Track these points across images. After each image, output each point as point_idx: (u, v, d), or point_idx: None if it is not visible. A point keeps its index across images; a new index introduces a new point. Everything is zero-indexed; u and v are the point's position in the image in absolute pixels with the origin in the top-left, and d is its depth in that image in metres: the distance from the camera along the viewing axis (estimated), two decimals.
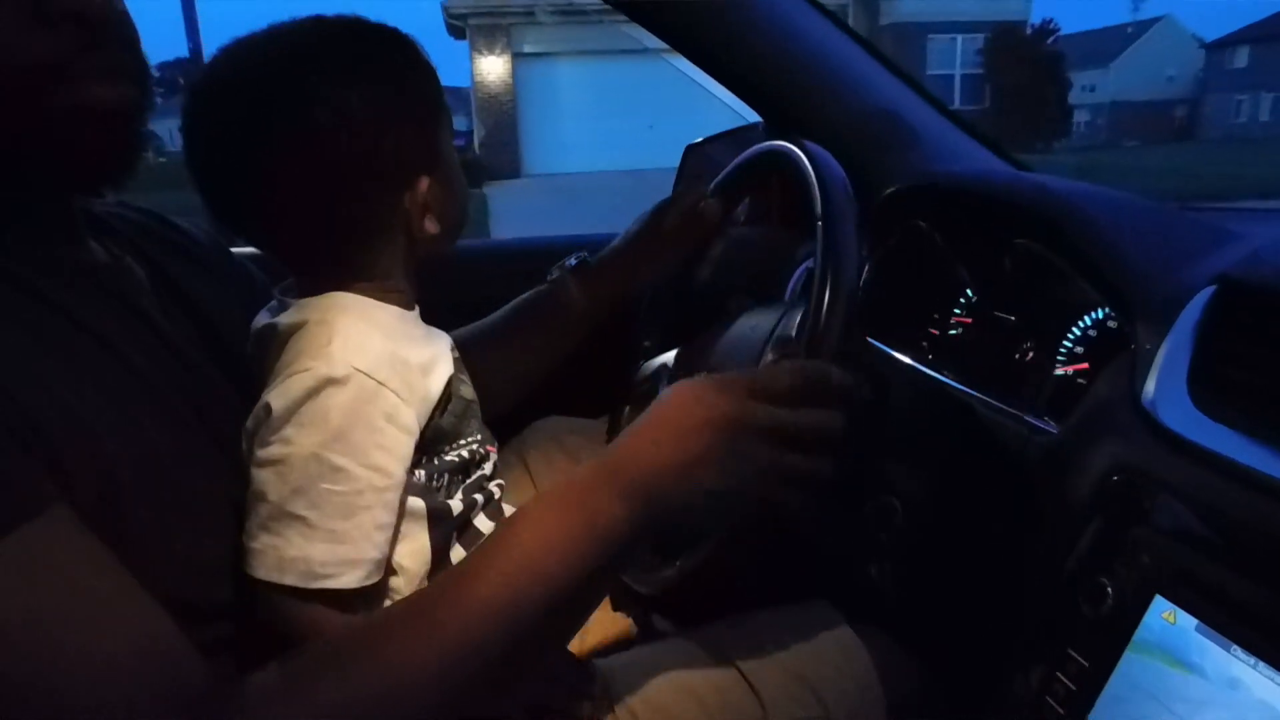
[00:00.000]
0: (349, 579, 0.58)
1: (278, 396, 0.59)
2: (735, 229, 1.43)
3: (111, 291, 0.60)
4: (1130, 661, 0.49)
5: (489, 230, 9.80)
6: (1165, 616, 0.47)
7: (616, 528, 0.53)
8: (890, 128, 1.09)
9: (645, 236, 0.95)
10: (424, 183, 0.63)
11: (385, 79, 0.62)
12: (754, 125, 1.33)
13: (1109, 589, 0.50)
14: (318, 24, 0.63)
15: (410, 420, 0.62)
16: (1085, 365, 0.79)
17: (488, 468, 0.72)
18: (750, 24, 1.08)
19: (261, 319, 0.67)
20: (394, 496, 0.61)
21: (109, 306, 0.58)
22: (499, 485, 0.73)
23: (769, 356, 0.73)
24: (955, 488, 0.75)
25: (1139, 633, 0.48)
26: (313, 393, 0.58)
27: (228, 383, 0.64)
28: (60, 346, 0.53)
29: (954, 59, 18.47)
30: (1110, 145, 16.25)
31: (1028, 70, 16.58)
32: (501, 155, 16.69)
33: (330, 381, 0.58)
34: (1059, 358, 0.81)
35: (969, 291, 0.95)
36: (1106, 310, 0.77)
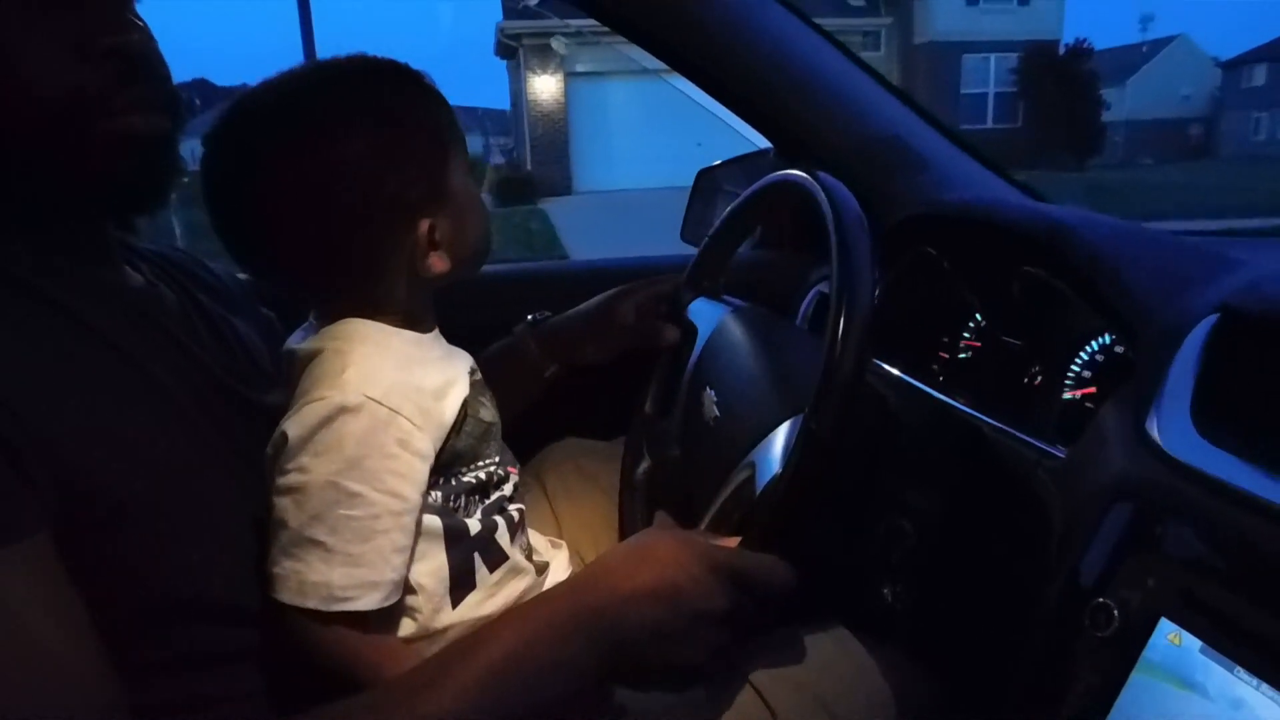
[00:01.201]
0: (368, 601, 0.60)
1: (294, 425, 0.61)
2: (748, 252, 1.45)
3: (143, 313, 0.62)
4: (1137, 682, 0.50)
5: (561, 242, 10.01)
6: (1170, 638, 0.49)
7: (579, 667, 0.56)
8: (897, 154, 1.12)
9: (597, 317, 0.98)
10: (425, 225, 0.65)
11: (384, 123, 0.63)
12: (765, 151, 1.36)
13: (1115, 611, 0.51)
14: (320, 71, 0.65)
15: (424, 445, 0.63)
16: (1093, 390, 0.80)
17: (508, 489, 0.73)
18: (755, 49, 1.10)
19: (292, 341, 0.70)
20: (410, 520, 0.63)
21: (139, 327, 0.60)
22: (519, 509, 0.75)
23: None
24: (965, 510, 0.76)
25: (1145, 653, 0.49)
26: (327, 421, 0.60)
27: (253, 404, 0.66)
28: (85, 362, 0.55)
29: (988, 78, 18.53)
30: (1125, 164, 16.20)
31: (1061, 89, 16.63)
32: (553, 172, 17.10)
33: (344, 410, 0.60)
34: (1067, 382, 0.82)
35: (978, 316, 0.96)
36: (1113, 335, 0.78)
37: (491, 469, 0.71)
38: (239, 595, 0.59)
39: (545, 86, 17.29)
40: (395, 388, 0.63)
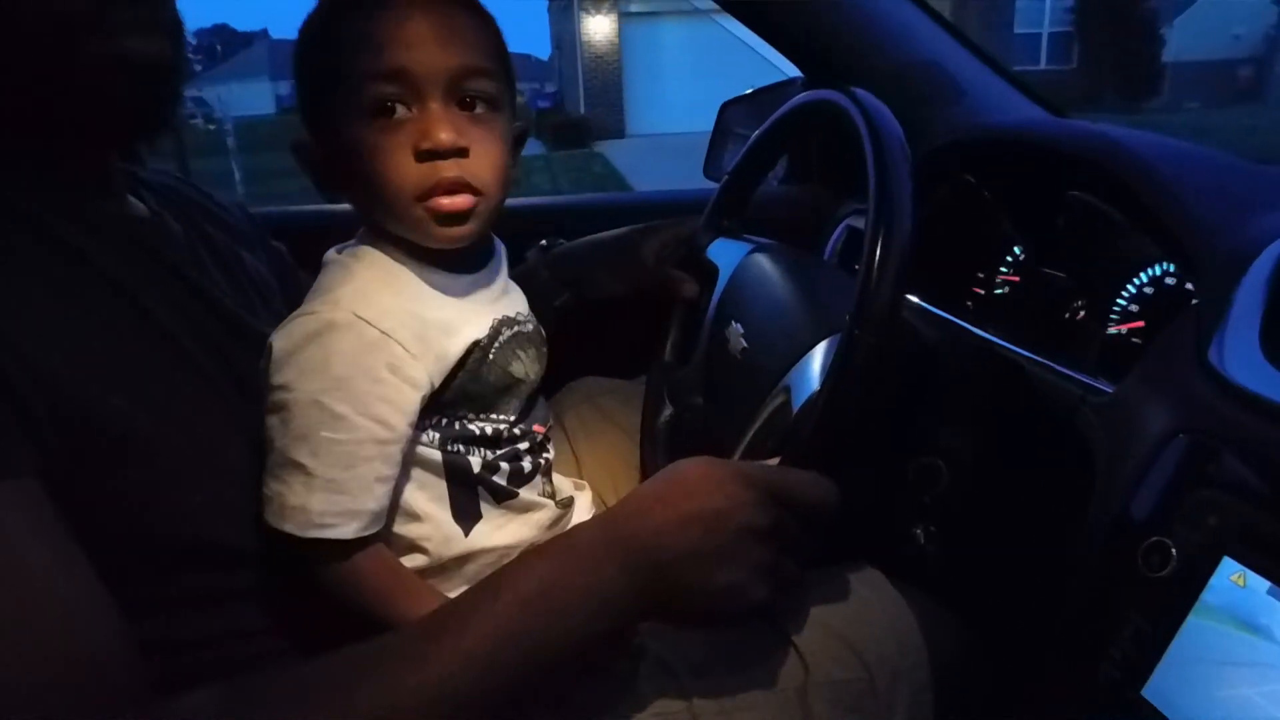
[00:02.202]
0: (346, 530, 0.58)
1: (281, 337, 0.60)
2: (771, 187, 1.40)
3: (144, 245, 0.60)
4: (1194, 626, 0.47)
5: (629, 184, 10.05)
6: (1234, 579, 0.45)
7: (615, 600, 0.52)
8: (934, 80, 1.06)
9: (614, 249, 0.95)
10: (315, 142, 0.64)
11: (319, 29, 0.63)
12: (792, 80, 1.30)
13: (1173, 550, 0.48)
14: None
15: (418, 373, 0.62)
16: (1140, 324, 0.76)
17: (523, 446, 0.71)
18: None
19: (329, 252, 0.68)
20: (396, 450, 0.61)
21: (140, 260, 0.59)
22: (536, 461, 0.72)
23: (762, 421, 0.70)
24: (1001, 448, 0.73)
25: (1205, 595, 0.46)
26: (314, 336, 0.59)
27: (261, 336, 0.64)
28: (85, 298, 0.53)
29: (1042, 17, 17.96)
30: (1170, 107, 15.66)
31: (1119, 27, 16.08)
32: (607, 115, 16.85)
33: (332, 326, 0.59)
34: (1112, 316, 0.78)
35: (1016, 249, 0.92)
36: (1165, 266, 0.74)
37: (503, 426, 0.69)
38: (245, 535, 0.58)
39: (599, 27, 16.92)
40: (391, 311, 0.61)
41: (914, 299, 0.91)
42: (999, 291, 0.93)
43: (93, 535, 0.49)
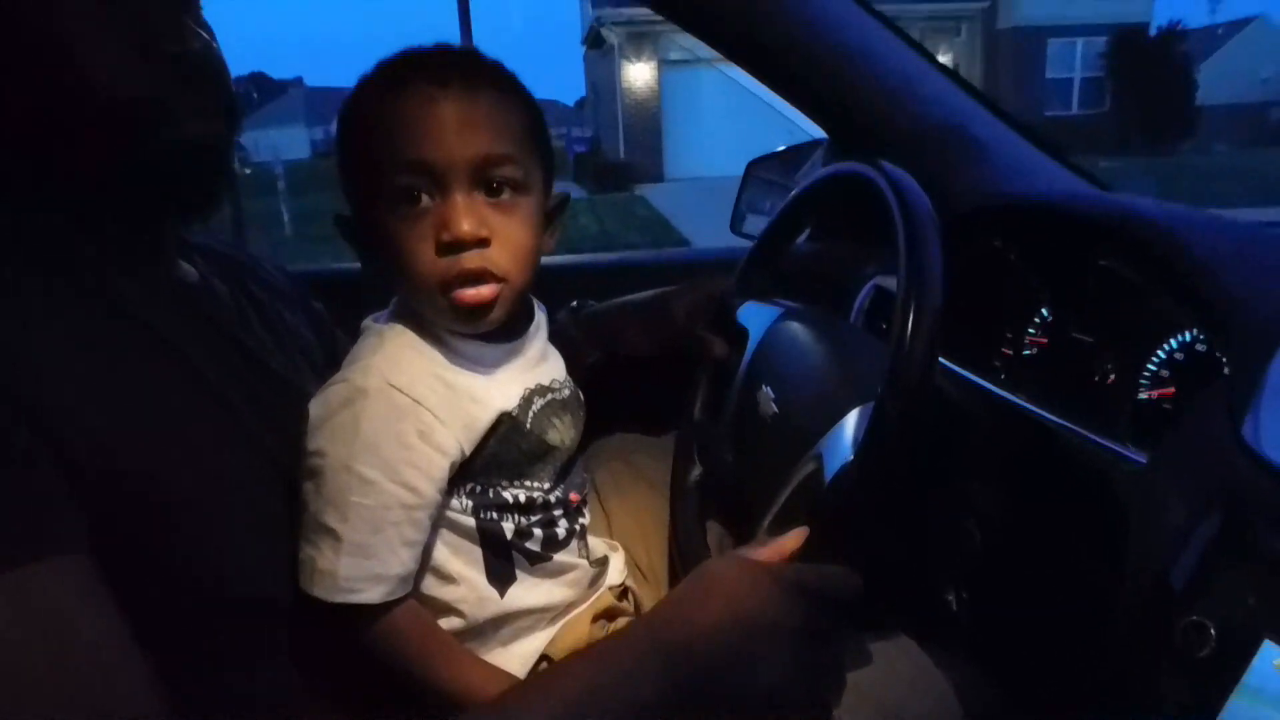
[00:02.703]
0: (372, 594, 0.60)
1: (316, 404, 0.62)
2: (801, 243, 1.42)
3: (196, 308, 0.63)
4: (1236, 708, 0.46)
5: (673, 226, 10.23)
6: (1277, 665, 0.45)
7: (657, 705, 0.54)
8: (959, 143, 1.07)
9: (646, 310, 0.97)
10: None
11: (361, 114, 0.64)
12: (818, 141, 1.32)
13: (1211, 630, 0.48)
14: (396, 56, 0.65)
15: (447, 441, 0.63)
16: (1171, 391, 0.76)
17: (557, 513, 0.71)
18: (813, 37, 1.07)
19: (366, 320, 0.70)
20: (424, 515, 0.62)
21: (192, 322, 0.61)
22: (570, 529, 0.73)
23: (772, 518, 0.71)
24: (1033, 514, 0.73)
25: (1248, 678, 0.46)
26: (346, 403, 0.61)
27: (305, 395, 0.66)
28: (141, 364, 0.55)
29: (1074, 62, 18.16)
30: (1199, 150, 15.65)
31: (1151, 73, 16.23)
32: (646, 159, 17.22)
33: (363, 393, 0.61)
34: (1142, 381, 0.78)
35: (1044, 311, 0.92)
36: (1194, 333, 0.74)
37: (537, 494, 0.69)
38: (291, 592, 0.59)
39: (640, 74, 17.33)
40: (421, 378, 0.63)
41: (941, 360, 0.92)
42: (1027, 353, 0.94)
43: (141, 595, 0.51)
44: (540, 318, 0.75)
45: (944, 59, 17.30)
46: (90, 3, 0.53)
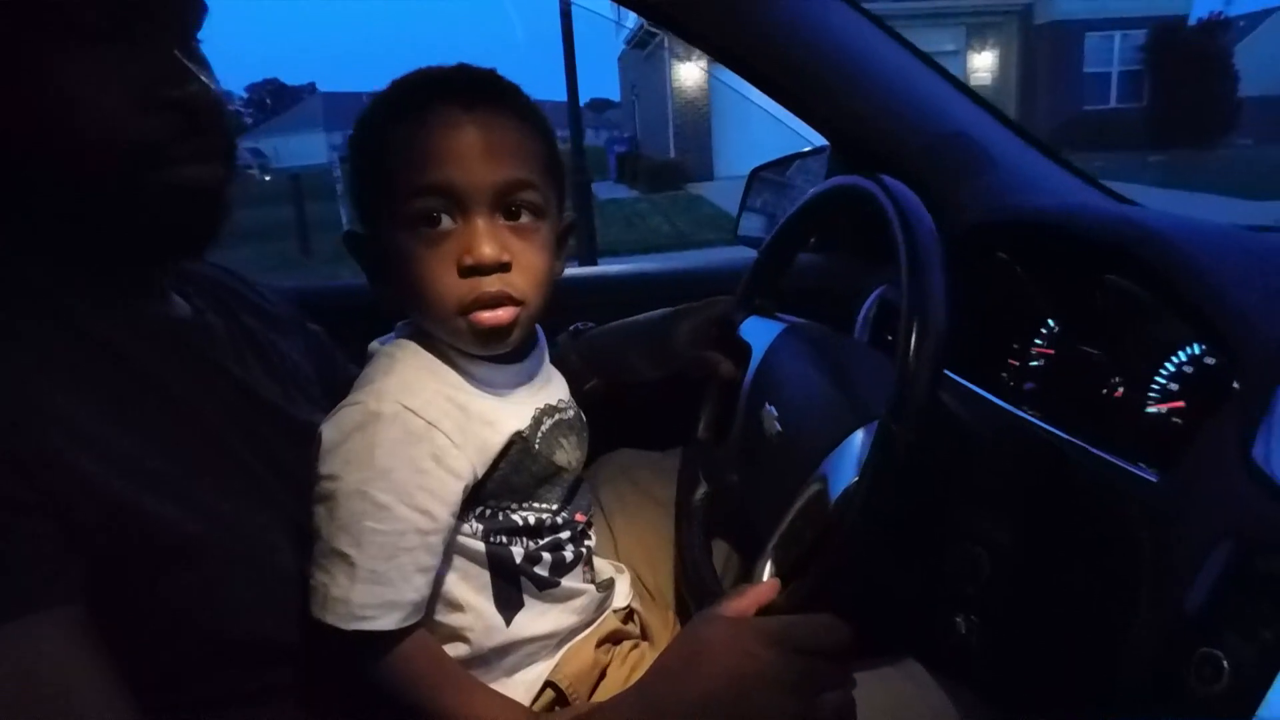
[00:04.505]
0: (387, 621, 0.59)
1: (329, 428, 0.61)
2: (804, 255, 1.41)
3: (190, 346, 0.62)
4: None
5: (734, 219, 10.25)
6: None
7: None
8: (964, 154, 1.06)
9: (648, 336, 0.95)
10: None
11: (374, 136, 0.65)
12: (821, 149, 1.31)
13: (1225, 663, 0.47)
14: (409, 75, 0.66)
15: (461, 465, 0.62)
16: (1180, 404, 0.75)
17: (565, 535, 0.71)
18: (814, 46, 1.06)
19: (374, 341, 0.70)
20: (437, 540, 0.62)
21: (186, 361, 0.60)
22: (578, 551, 0.73)
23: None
24: (1044, 537, 0.71)
25: (1263, 711, 0.45)
26: (360, 427, 0.60)
27: (301, 424, 0.65)
28: (132, 406, 0.55)
29: (1111, 56, 18.14)
30: (1220, 144, 15.56)
31: (1191, 65, 16.15)
32: (696, 159, 17.28)
33: (376, 417, 0.60)
34: (1151, 395, 0.77)
35: (1050, 323, 0.91)
36: (1203, 346, 0.73)
37: (546, 515, 0.69)
38: (293, 631, 0.59)
39: (689, 74, 17.19)
40: (435, 402, 0.62)
41: (951, 375, 0.91)
42: (1034, 365, 0.93)
43: (141, 638, 0.50)
44: (542, 339, 0.74)
45: (988, 55, 17.33)
46: (89, 48, 0.53)
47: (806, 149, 1.39)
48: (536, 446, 0.68)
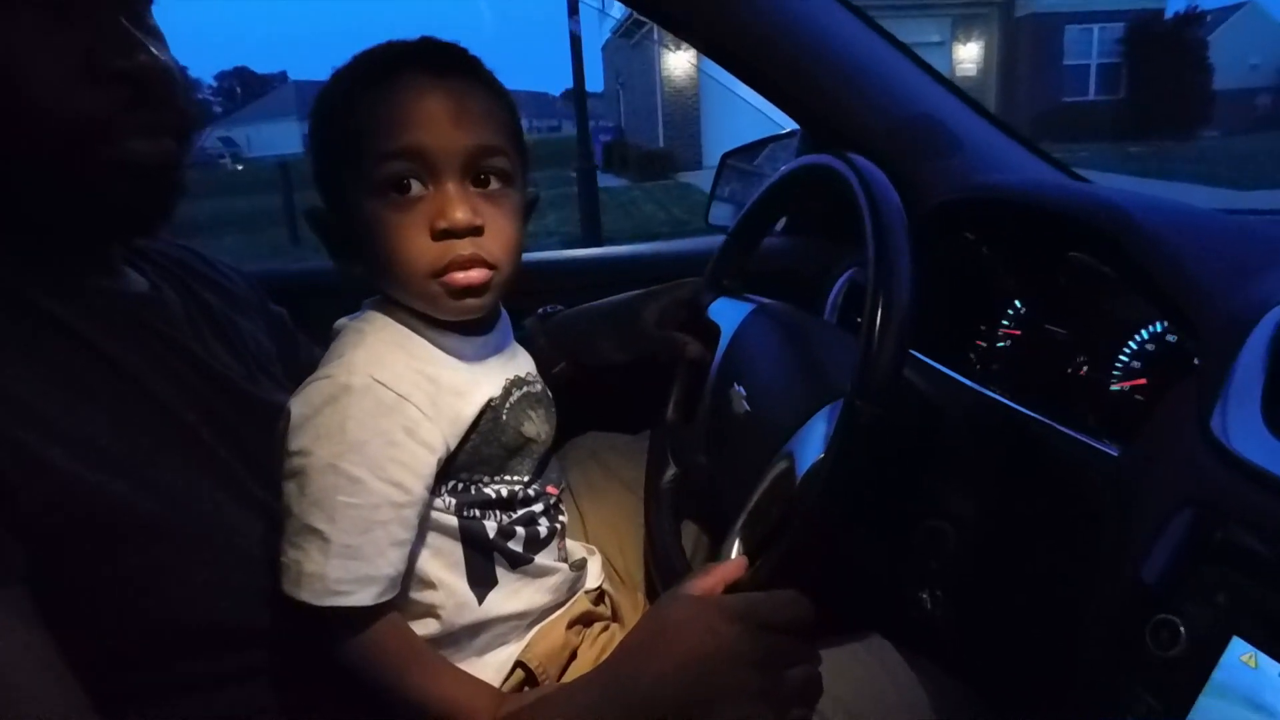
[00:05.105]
0: (363, 596, 0.58)
1: (298, 403, 0.60)
2: (771, 239, 1.41)
3: (144, 322, 0.61)
4: (1205, 706, 0.46)
5: None
6: (1245, 660, 0.45)
7: None
8: (930, 135, 1.07)
9: (616, 318, 0.95)
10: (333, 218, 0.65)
11: (338, 107, 0.64)
12: (793, 132, 1.31)
13: (1181, 629, 0.48)
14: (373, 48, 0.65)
15: (433, 437, 0.62)
16: (1143, 381, 0.76)
17: (537, 508, 0.71)
18: (783, 29, 1.06)
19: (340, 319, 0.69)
20: (412, 514, 0.61)
21: (139, 337, 0.59)
22: (551, 527, 0.72)
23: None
24: (1008, 511, 0.72)
25: (1216, 675, 0.46)
26: (330, 400, 0.59)
27: (261, 402, 0.64)
28: (83, 381, 0.53)
29: (1090, 49, 18.43)
30: (1186, 136, 15.89)
31: (1168, 57, 16.44)
32: (685, 149, 17.23)
33: (347, 390, 0.59)
34: (1115, 373, 0.78)
35: (1017, 303, 0.92)
36: (1165, 324, 0.74)
37: (517, 487, 0.69)
38: (253, 615, 0.58)
39: (679, 63, 17.13)
40: (406, 374, 0.62)
41: (914, 353, 0.92)
42: (1001, 345, 0.93)
43: (94, 622, 0.49)
44: (505, 315, 0.74)
45: (973, 46, 17.44)
46: (33, 17, 0.51)
47: (778, 134, 1.40)
48: (504, 417, 0.67)
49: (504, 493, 0.68)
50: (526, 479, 0.70)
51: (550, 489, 0.73)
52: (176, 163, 0.58)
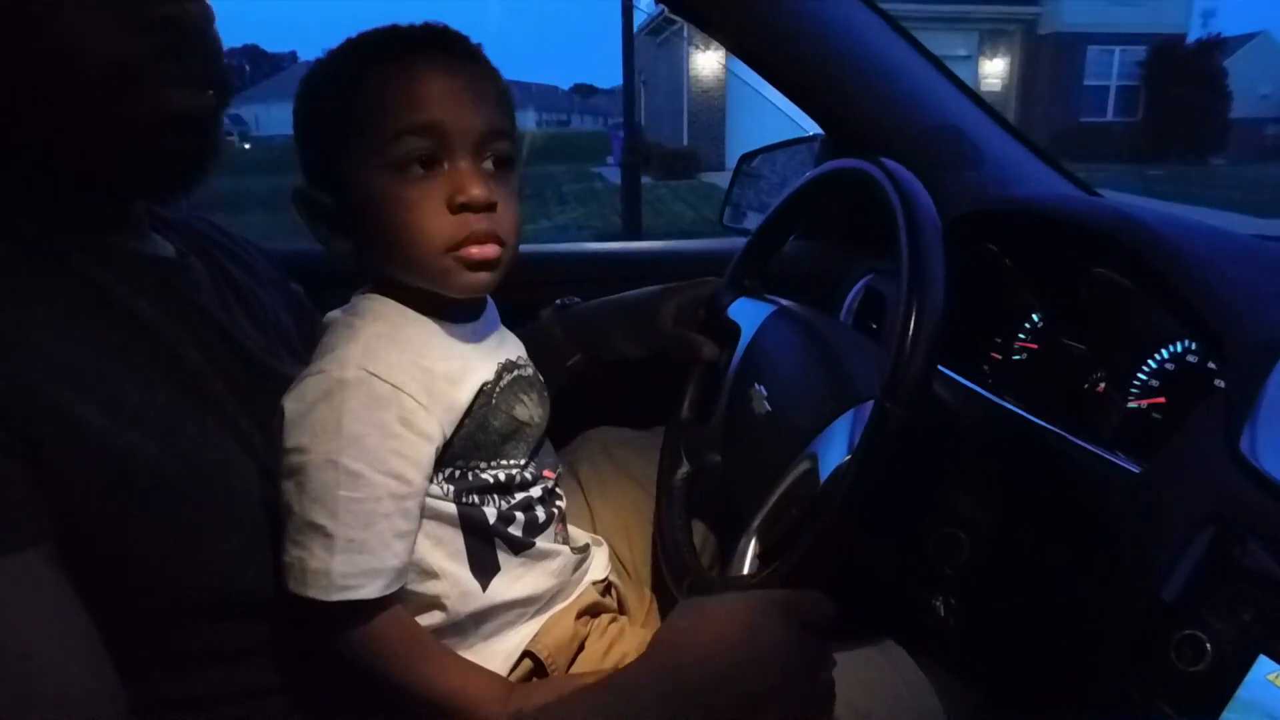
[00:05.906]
0: (370, 589, 0.58)
1: (292, 399, 0.60)
2: (792, 242, 1.41)
3: (173, 286, 0.60)
4: None
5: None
6: (1271, 679, 0.45)
7: None
8: (954, 146, 1.07)
9: (633, 313, 0.94)
10: (325, 197, 0.64)
11: (329, 89, 0.64)
12: (814, 136, 1.31)
13: (1207, 645, 0.48)
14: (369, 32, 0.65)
15: (430, 426, 0.62)
16: (1162, 400, 0.76)
17: (535, 491, 0.71)
18: (814, 32, 1.06)
19: (331, 312, 0.68)
20: (413, 504, 0.61)
21: (168, 300, 0.59)
22: (549, 510, 0.72)
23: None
24: (1023, 520, 0.72)
25: (1241, 692, 0.46)
26: (325, 396, 0.59)
27: (280, 376, 0.64)
28: (111, 341, 0.53)
29: (1110, 70, 18.54)
30: (1198, 161, 16.00)
31: (1187, 83, 16.52)
32: (710, 149, 17.14)
33: (342, 384, 0.59)
34: (1133, 390, 0.78)
35: (1035, 316, 0.92)
36: (1187, 344, 0.74)
37: (514, 471, 0.69)
38: (269, 586, 0.57)
39: (706, 63, 17.08)
40: (399, 365, 0.62)
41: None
42: (1017, 358, 0.94)
43: (116, 587, 0.49)
44: (489, 299, 0.74)
45: (999, 62, 17.43)
46: None
47: (796, 138, 1.39)
48: (495, 400, 0.67)
49: (501, 477, 0.68)
50: (522, 462, 0.70)
51: (547, 473, 0.73)
52: (213, 118, 0.57)
